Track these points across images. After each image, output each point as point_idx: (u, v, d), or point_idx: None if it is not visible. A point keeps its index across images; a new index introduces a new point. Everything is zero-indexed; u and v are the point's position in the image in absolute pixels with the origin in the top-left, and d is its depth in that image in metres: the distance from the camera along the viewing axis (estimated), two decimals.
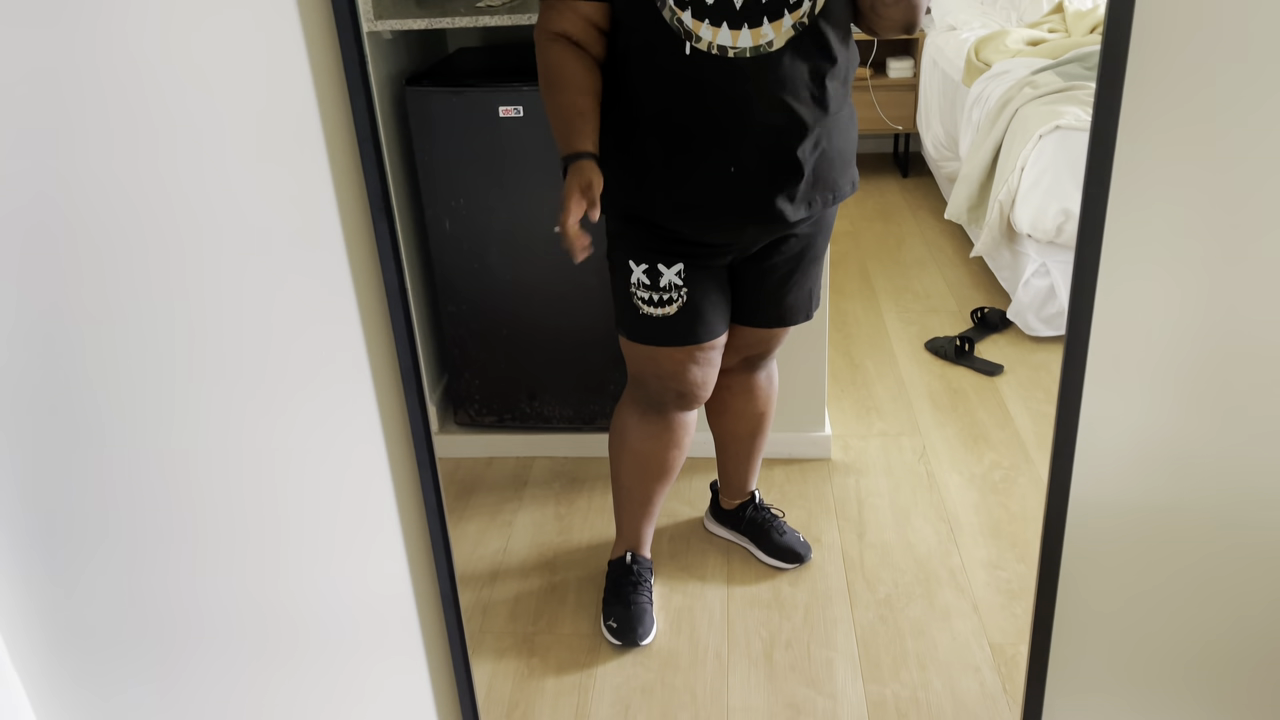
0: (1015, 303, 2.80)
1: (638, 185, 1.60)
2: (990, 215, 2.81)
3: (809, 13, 1.46)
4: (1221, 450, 1.15)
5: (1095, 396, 1.05)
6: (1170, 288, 1.06)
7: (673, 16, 1.45)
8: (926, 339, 2.84)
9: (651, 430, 1.83)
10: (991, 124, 2.86)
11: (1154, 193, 1.01)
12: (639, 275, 1.65)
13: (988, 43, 3.19)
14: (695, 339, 1.70)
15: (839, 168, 1.62)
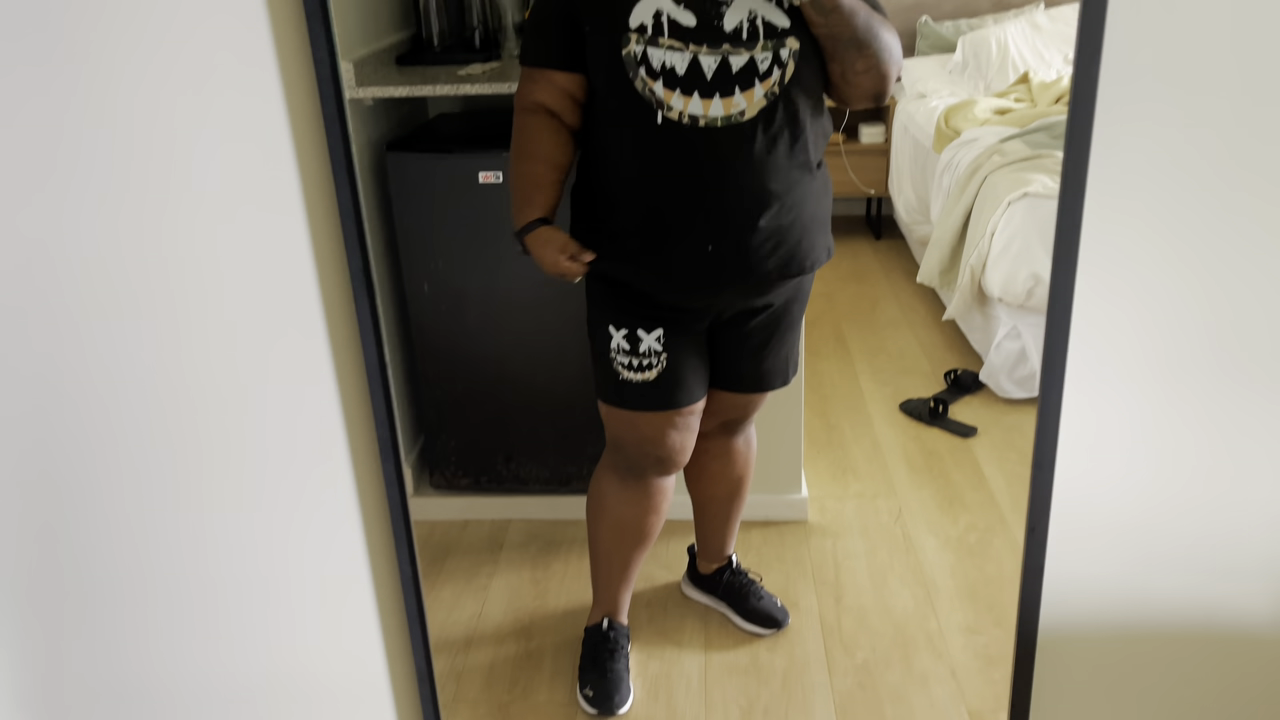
0: (987, 365, 2.84)
1: (614, 251, 1.62)
2: (961, 279, 2.86)
3: (780, 82, 1.48)
4: (1196, 522, 1.16)
5: (1068, 471, 1.07)
6: (1140, 360, 1.09)
7: (644, 87, 1.48)
8: (901, 400, 2.87)
9: (630, 495, 1.83)
10: (961, 190, 2.92)
11: (1121, 262, 1.04)
12: (619, 340, 1.66)
13: (957, 111, 3.28)
14: (675, 404, 1.70)
15: (813, 235, 1.64)
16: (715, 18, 1.47)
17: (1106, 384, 1.07)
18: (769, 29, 1.47)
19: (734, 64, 1.47)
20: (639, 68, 1.48)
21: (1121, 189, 1.03)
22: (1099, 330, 1.04)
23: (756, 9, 1.47)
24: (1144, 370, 1.09)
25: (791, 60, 1.48)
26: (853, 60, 1.48)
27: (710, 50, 1.47)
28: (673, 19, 1.46)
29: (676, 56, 1.47)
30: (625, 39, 1.47)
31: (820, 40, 1.48)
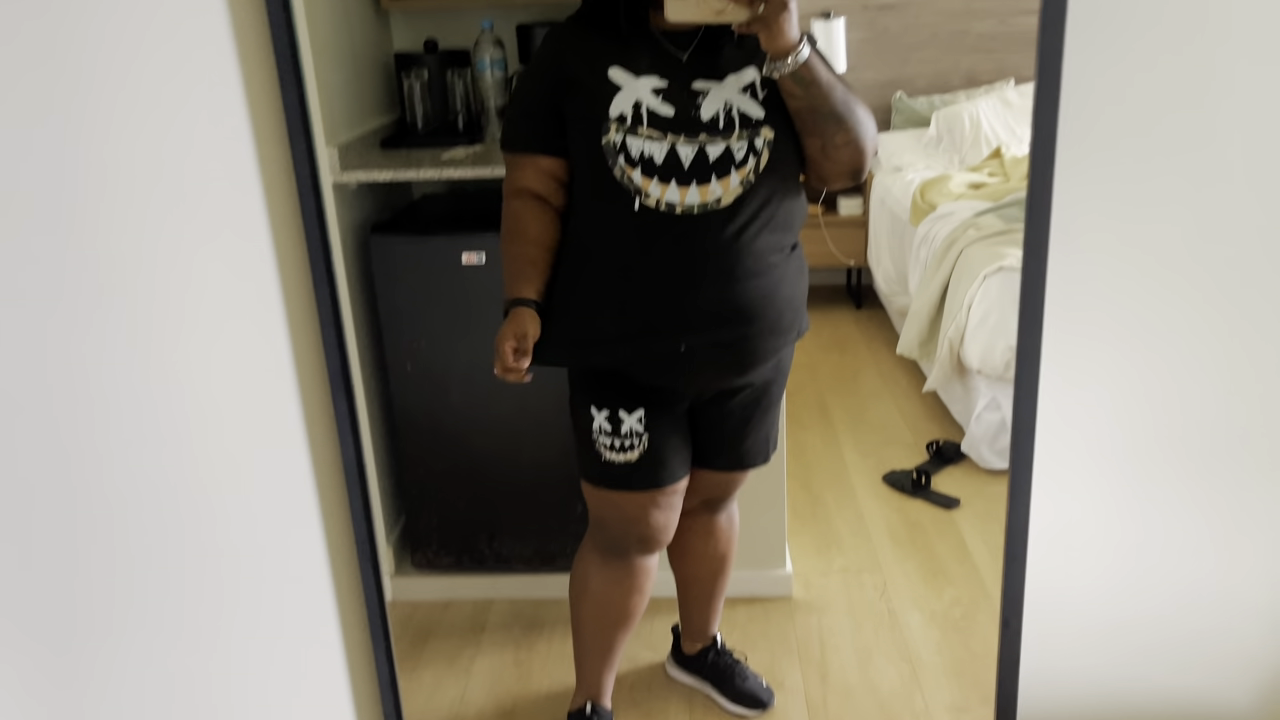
0: (969, 436, 2.85)
1: (592, 333, 1.64)
2: (940, 351, 2.89)
3: (755, 170, 1.52)
4: (1170, 612, 1.17)
5: (1040, 564, 1.07)
6: (1106, 450, 1.10)
7: (623, 174, 1.52)
8: (884, 471, 2.88)
9: (613, 575, 1.82)
10: (938, 263, 2.97)
11: (1084, 355, 1.06)
12: (600, 421, 1.68)
13: (932, 185, 3.34)
14: (658, 484, 1.71)
15: (789, 316, 1.66)
16: (693, 109, 1.51)
17: (1074, 476, 1.08)
18: (744, 119, 1.52)
19: (711, 153, 1.51)
20: (618, 156, 1.52)
21: (1082, 284, 1.06)
22: (1064, 423, 1.06)
23: (733, 100, 1.52)
24: (1110, 461, 1.11)
25: (766, 149, 1.52)
26: (832, 134, 1.51)
27: (688, 140, 1.51)
28: (652, 110, 1.51)
29: (655, 146, 1.51)
30: (605, 127, 1.52)
31: (799, 115, 1.51)
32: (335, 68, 2.16)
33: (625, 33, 1.54)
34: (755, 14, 1.41)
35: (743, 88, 1.53)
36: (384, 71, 2.46)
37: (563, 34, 1.60)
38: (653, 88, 1.52)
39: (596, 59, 1.55)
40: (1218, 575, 1.15)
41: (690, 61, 1.54)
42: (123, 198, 1.00)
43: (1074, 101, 1.03)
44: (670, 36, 1.56)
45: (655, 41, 1.55)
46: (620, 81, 1.53)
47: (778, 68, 1.46)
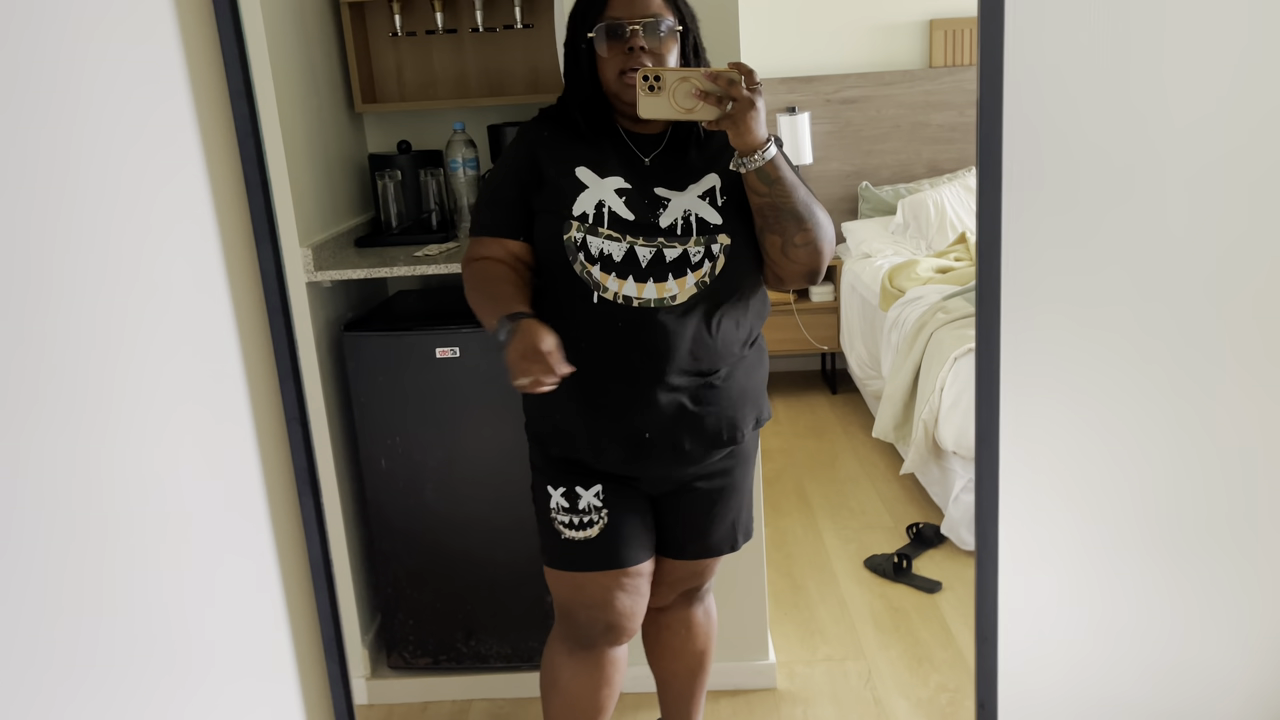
0: (948, 518, 2.85)
1: (550, 424, 1.65)
2: (916, 434, 2.91)
3: (711, 273, 1.55)
4: (1141, 691, 1.16)
5: (1011, 645, 1.07)
6: (1068, 531, 1.11)
7: (583, 269, 1.55)
8: (865, 556, 2.86)
9: (581, 669, 1.79)
10: (910, 347, 3.01)
11: (1041, 440, 1.07)
12: (558, 499, 1.67)
13: (900, 271, 3.41)
14: (620, 563, 1.69)
15: (747, 407, 1.67)
16: (653, 215, 1.56)
17: (1041, 557, 1.08)
18: (702, 225, 1.56)
19: (668, 255, 1.55)
20: (578, 252, 1.55)
21: (1034, 370, 1.07)
22: (1028, 505, 1.07)
23: (692, 208, 1.56)
24: (1077, 541, 1.11)
25: (723, 254, 1.56)
26: (793, 233, 1.54)
27: (646, 242, 1.55)
28: (613, 211, 1.55)
29: (614, 245, 1.55)
30: (567, 225, 1.55)
31: (762, 212, 1.54)
32: (309, 169, 2.20)
33: (593, 133, 1.59)
34: (724, 112, 1.45)
35: (702, 194, 1.57)
36: (358, 172, 2.50)
37: (534, 129, 1.65)
38: (616, 188, 1.56)
39: (565, 156, 1.59)
40: (1189, 652, 1.15)
41: (654, 165, 1.59)
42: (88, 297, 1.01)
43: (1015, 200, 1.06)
44: (636, 139, 1.60)
45: (622, 143, 1.60)
46: (586, 180, 1.57)
47: (745, 164, 1.50)
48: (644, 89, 1.45)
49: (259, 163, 0.93)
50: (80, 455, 1.03)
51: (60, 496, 1.00)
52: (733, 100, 1.44)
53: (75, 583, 1.04)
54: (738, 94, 1.44)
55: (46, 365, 0.97)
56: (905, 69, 4.19)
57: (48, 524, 1.02)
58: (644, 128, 1.60)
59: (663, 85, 1.44)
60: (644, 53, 1.52)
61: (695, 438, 1.62)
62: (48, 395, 1.01)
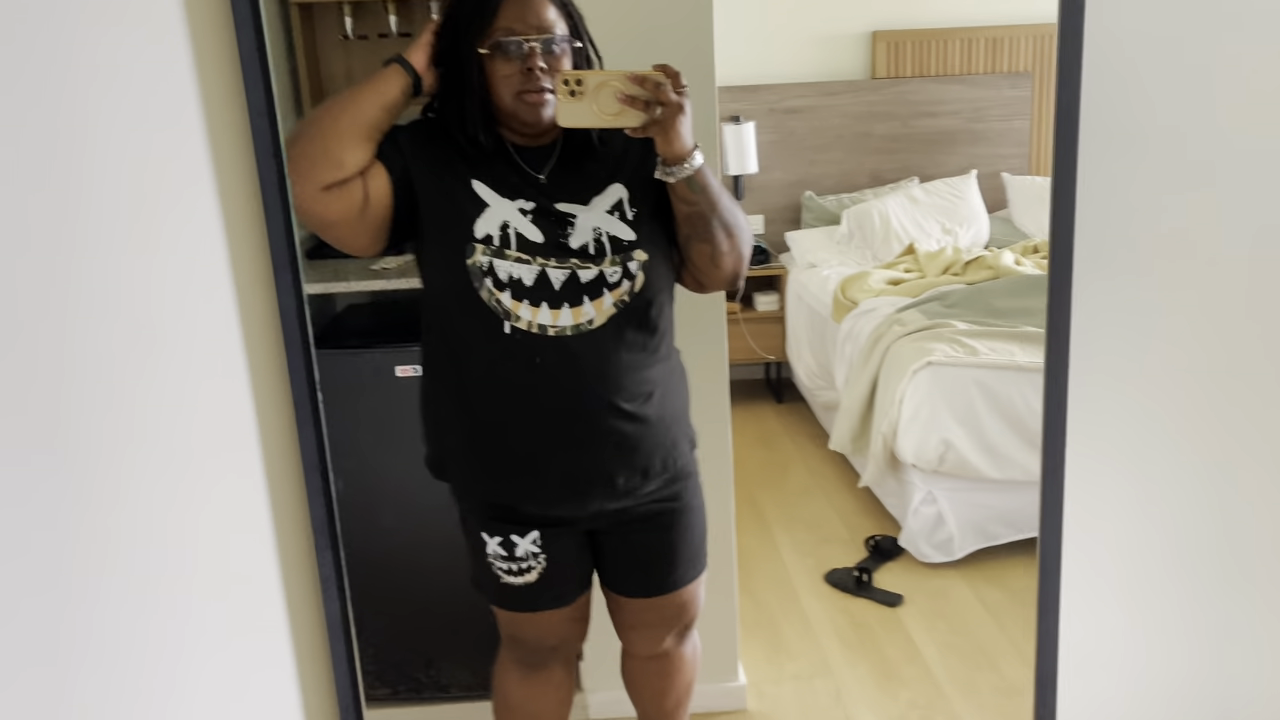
0: (906, 531, 2.85)
1: (470, 466, 1.55)
2: (874, 446, 2.90)
3: (629, 291, 1.46)
4: None
5: (1070, 689, 1.04)
6: (1134, 568, 1.08)
7: (491, 296, 1.43)
8: (824, 570, 2.84)
9: (535, 690, 1.74)
10: (865, 359, 3.00)
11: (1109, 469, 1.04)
12: (494, 547, 1.59)
13: (852, 282, 3.41)
14: (561, 602, 1.63)
15: (674, 431, 1.59)
16: (561, 235, 1.45)
17: (1099, 599, 1.06)
18: (615, 243, 1.46)
19: (583, 276, 1.44)
20: (485, 278, 1.42)
21: (1100, 411, 1.05)
22: (1090, 541, 1.04)
23: (602, 226, 1.46)
24: (1137, 584, 1.09)
25: (641, 271, 1.47)
26: (720, 241, 1.48)
27: (558, 264, 1.44)
28: (520, 233, 1.44)
29: (524, 269, 1.43)
30: (470, 248, 1.42)
31: (690, 221, 1.46)
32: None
33: (479, 150, 1.45)
34: (652, 118, 1.35)
35: (610, 209, 1.48)
36: None
37: (413, 137, 1.46)
38: (520, 208, 1.44)
39: (455, 172, 1.45)
40: (1246, 694, 1.14)
41: (551, 181, 1.48)
42: (96, 325, 0.91)
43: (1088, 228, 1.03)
44: (525, 154, 1.48)
45: (511, 159, 1.48)
46: (486, 199, 1.44)
47: (672, 173, 1.41)
48: (564, 94, 1.33)
49: (279, 186, 0.84)
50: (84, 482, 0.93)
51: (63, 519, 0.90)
52: (660, 105, 1.34)
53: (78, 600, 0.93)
54: (665, 98, 1.34)
55: (49, 398, 0.87)
56: (848, 79, 4.21)
57: None
58: (532, 141, 1.48)
59: (584, 90, 1.33)
60: (544, 72, 1.40)
61: (631, 471, 1.52)
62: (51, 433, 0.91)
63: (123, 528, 0.91)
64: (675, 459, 1.59)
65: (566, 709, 1.79)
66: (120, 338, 0.84)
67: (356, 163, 1.38)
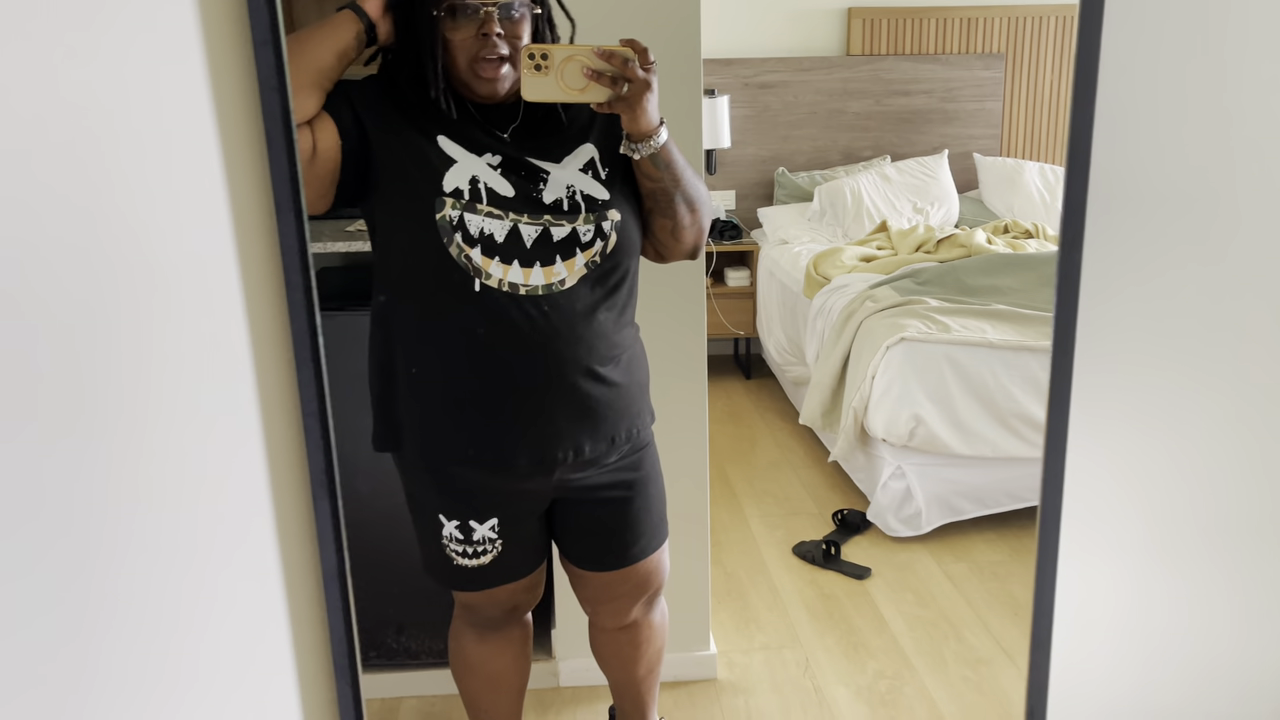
0: (874, 504, 2.88)
1: (431, 433, 1.51)
2: (845, 421, 2.92)
3: (602, 252, 1.45)
4: (1195, 705, 1.15)
5: (1064, 654, 1.05)
6: (1132, 536, 1.09)
7: (460, 253, 1.39)
8: (793, 543, 2.86)
9: (494, 649, 1.74)
10: (838, 335, 3.02)
11: (1111, 435, 1.05)
12: (451, 530, 1.56)
13: (825, 258, 3.42)
14: (515, 578, 1.63)
15: (640, 401, 1.58)
16: (534, 190, 1.43)
17: (1099, 561, 1.07)
18: (590, 201, 1.44)
19: (555, 234, 1.42)
20: (454, 233, 1.39)
21: (1109, 363, 1.05)
22: (1089, 506, 1.05)
23: (575, 183, 1.44)
24: (1136, 546, 1.10)
25: (614, 231, 1.45)
26: (683, 215, 1.49)
27: (531, 220, 1.41)
28: (490, 187, 1.41)
29: (496, 224, 1.40)
30: (440, 202, 1.39)
31: (654, 196, 1.46)
32: None
33: (442, 106, 1.41)
34: (618, 94, 1.34)
35: (581, 167, 1.46)
36: None
37: (365, 91, 1.42)
38: (488, 162, 1.42)
39: (418, 126, 1.41)
40: (1243, 667, 1.16)
41: (514, 140, 1.45)
42: (86, 273, 0.87)
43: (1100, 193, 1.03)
44: (486, 112, 1.45)
45: (473, 117, 1.44)
46: (453, 154, 1.41)
47: (637, 149, 1.41)
48: (529, 68, 1.31)
49: (284, 121, 0.82)
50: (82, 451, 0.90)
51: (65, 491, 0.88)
52: (627, 81, 1.33)
53: (72, 580, 0.91)
54: (632, 74, 1.33)
55: (37, 353, 0.84)
56: (823, 55, 4.21)
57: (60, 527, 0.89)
58: (491, 101, 1.44)
59: (550, 64, 1.31)
60: (500, 39, 1.37)
61: (597, 438, 1.51)
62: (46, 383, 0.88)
63: (120, 477, 0.88)
64: (638, 429, 1.58)
65: (525, 663, 1.81)
66: (120, 278, 0.81)
67: (304, 111, 1.34)
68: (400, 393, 1.53)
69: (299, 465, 0.94)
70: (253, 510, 0.91)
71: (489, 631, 1.73)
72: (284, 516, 0.93)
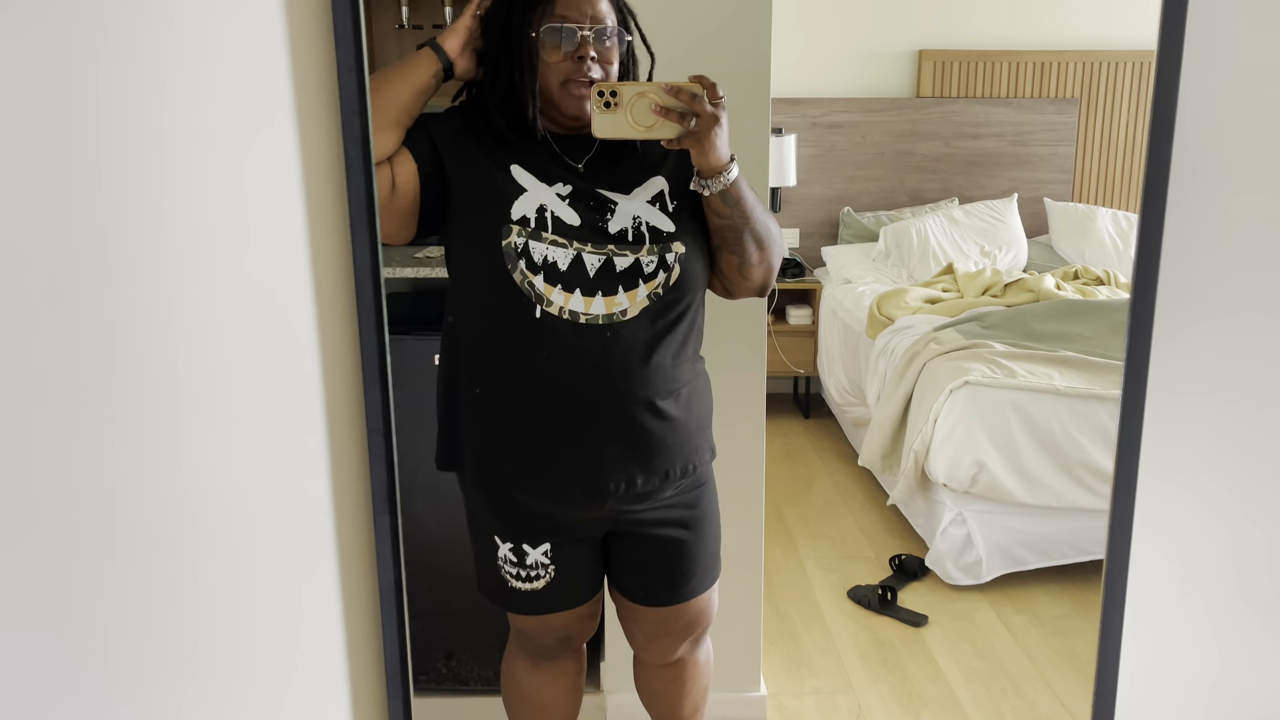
0: (933, 550, 2.82)
1: (487, 453, 1.54)
2: (905, 464, 2.88)
3: (664, 284, 1.45)
4: None
5: (1129, 706, 1.02)
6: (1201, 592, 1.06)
7: (523, 279, 1.42)
8: (848, 586, 2.82)
9: (547, 678, 1.75)
10: (900, 377, 2.98)
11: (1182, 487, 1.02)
12: (505, 552, 1.58)
13: (889, 299, 3.39)
14: (570, 605, 1.64)
15: (699, 436, 1.57)
16: (600, 219, 1.44)
17: (1168, 619, 1.04)
18: (654, 233, 1.45)
19: (618, 264, 1.43)
20: (519, 260, 1.41)
21: (1181, 413, 1.03)
22: (1158, 561, 1.02)
23: (641, 214, 1.45)
24: (1207, 604, 1.06)
25: (678, 264, 1.46)
26: (751, 253, 1.48)
27: (595, 249, 1.43)
28: (557, 215, 1.43)
29: (560, 252, 1.42)
30: (506, 229, 1.42)
31: (721, 232, 1.46)
32: None
33: (520, 137, 1.45)
34: (687, 129, 1.35)
35: (650, 199, 1.47)
36: None
37: (441, 125, 1.47)
38: (557, 193, 1.44)
39: (492, 155, 1.45)
40: None
41: (588, 170, 1.47)
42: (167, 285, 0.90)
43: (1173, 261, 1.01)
44: (563, 143, 1.48)
45: (549, 147, 1.47)
46: (524, 182, 1.44)
47: (707, 185, 1.41)
48: (599, 105, 1.34)
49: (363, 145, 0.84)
50: (138, 456, 0.93)
51: (119, 497, 0.90)
52: (695, 116, 1.34)
53: (134, 585, 0.93)
54: (701, 110, 1.34)
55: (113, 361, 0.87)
56: (893, 97, 4.20)
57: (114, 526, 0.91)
58: (571, 131, 1.48)
59: (619, 101, 1.33)
60: (594, 62, 1.41)
61: (651, 472, 1.51)
62: (110, 393, 0.91)
63: (184, 474, 0.91)
64: (696, 465, 1.57)
65: (577, 696, 1.80)
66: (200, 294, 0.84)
67: (384, 149, 1.40)
68: (463, 413, 1.56)
69: (361, 481, 0.95)
70: (315, 523, 0.92)
71: (542, 660, 1.73)
72: (344, 531, 0.94)
